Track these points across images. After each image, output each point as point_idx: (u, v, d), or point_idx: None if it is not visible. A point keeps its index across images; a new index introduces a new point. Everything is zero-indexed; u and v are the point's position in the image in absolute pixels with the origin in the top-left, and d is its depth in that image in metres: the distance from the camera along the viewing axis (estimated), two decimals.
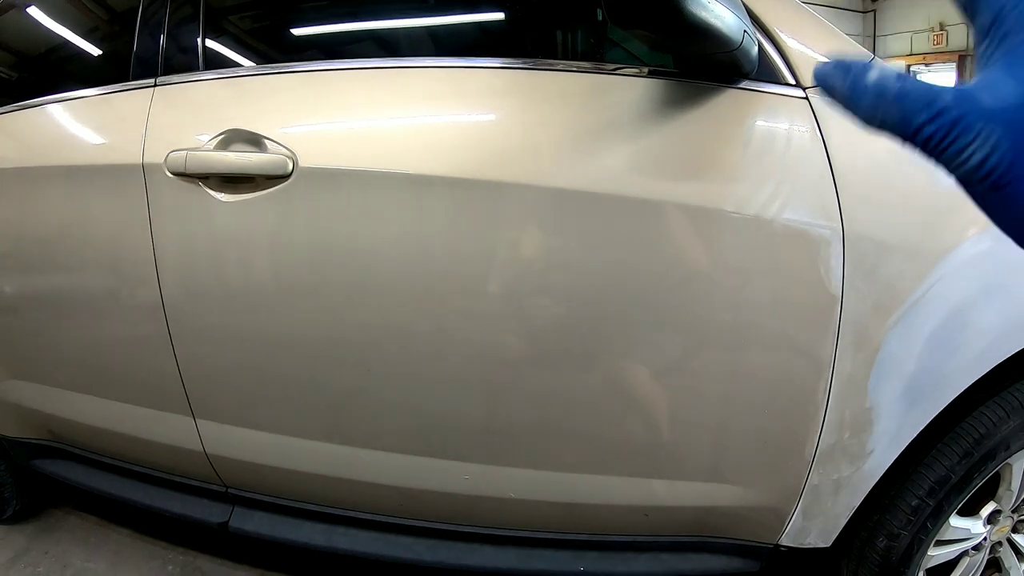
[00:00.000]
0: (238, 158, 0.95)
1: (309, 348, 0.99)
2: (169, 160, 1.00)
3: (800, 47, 0.87)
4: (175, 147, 1.00)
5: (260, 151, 0.95)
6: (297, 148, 0.93)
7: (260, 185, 0.95)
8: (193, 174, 0.98)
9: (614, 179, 0.85)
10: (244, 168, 0.95)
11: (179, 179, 1.00)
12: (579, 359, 0.92)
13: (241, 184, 0.96)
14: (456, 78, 0.93)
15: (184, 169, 0.98)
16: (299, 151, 0.93)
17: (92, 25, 1.38)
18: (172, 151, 1.00)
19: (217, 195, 0.97)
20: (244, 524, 1.16)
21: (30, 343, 1.28)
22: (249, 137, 0.96)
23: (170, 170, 1.00)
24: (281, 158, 0.93)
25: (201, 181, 0.98)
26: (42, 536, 1.57)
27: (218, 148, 0.98)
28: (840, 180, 0.81)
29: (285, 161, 0.92)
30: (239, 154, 0.96)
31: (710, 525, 1.04)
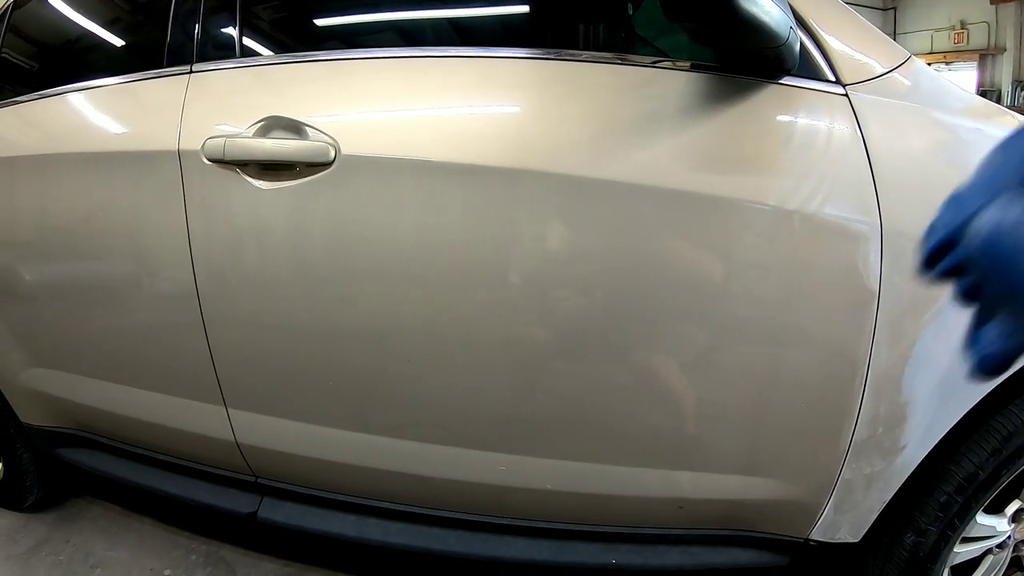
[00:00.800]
0: (279, 145, 0.95)
1: (347, 337, 0.99)
2: (207, 147, 1.00)
3: (840, 44, 0.87)
4: (212, 134, 1.00)
5: (301, 138, 0.95)
6: (339, 135, 0.93)
7: (301, 172, 0.94)
8: (232, 161, 0.98)
9: (656, 171, 0.85)
10: (285, 155, 0.94)
11: (217, 166, 0.99)
12: (614, 351, 0.92)
13: (281, 171, 0.96)
14: (504, 68, 0.93)
15: (222, 156, 0.98)
16: (341, 138, 0.93)
17: (120, 14, 1.38)
18: (210, 138, 1.00)
19: (256, 182, 0.97)
20: (273, 514, 1.16)
21: (57, 331, 1.28)
22: (290, 124, 0.96)
23: (207, 157, 1.00)
24: (323, 145, 0.92)
25: (239, 168, 0.98)
26: (64, 525, 1.57)
27: (257, 135, 0.97)
28: (879, 176, 0.82)
29: (327, 148, 0.92)
30: (280, 141, 0.95)
31: (742, 519, 1.04)
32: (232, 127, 1.00)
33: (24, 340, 1.33)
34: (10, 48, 1.46)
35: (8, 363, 1.37)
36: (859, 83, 0.85)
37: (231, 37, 1.09)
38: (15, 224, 1.30)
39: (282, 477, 1.16)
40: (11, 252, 1.31)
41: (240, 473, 1.19)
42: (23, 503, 1.58)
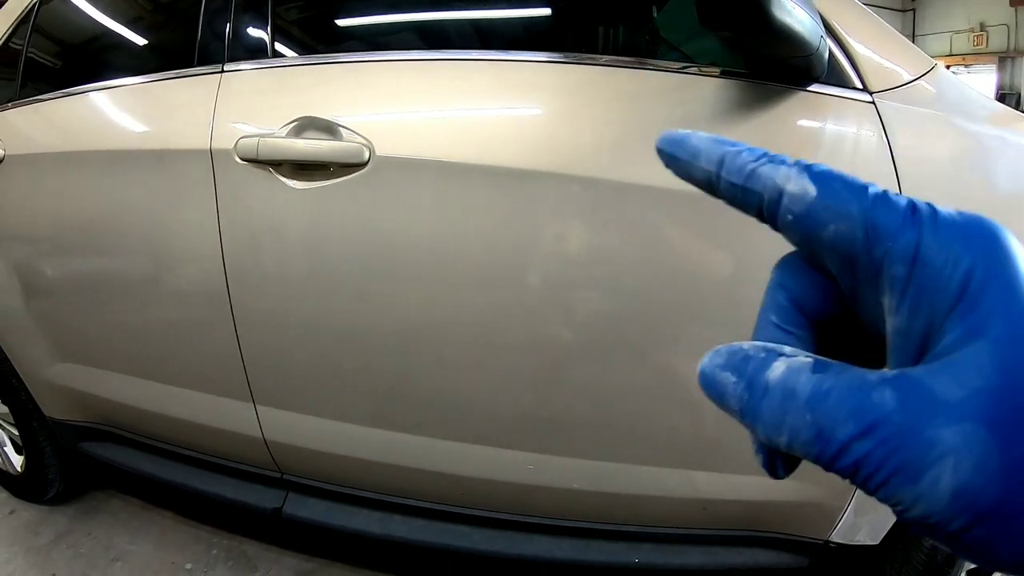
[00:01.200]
0: (314, 145, 0.96)
1: (378, 336, 1.00)
2: (240, 146, 1.00)
3: (868, 52, 0.88)
4: (245, 133, 1.01)
5: (335, 139, 0.96)
6: (372, 136, 0.94)
7: (335, 173, 0.95)
8: (265, 160, 0.99)
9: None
10: (320, 155, 0.95)
11: (250, 165, 1.00)
12: (637, 352, 0.93)
13: (314, 171, 0.97)
14: (537, 72, 0.94)
15: (256, 155, 0.99)
16: (375, 139, 0.93)
17: (148, 14, 1.39)
18: (242, 137, 1.01)
19: (289, 182, 0.98)
20: (298, 510, 1.17)
21: (84, 327, 1.29)
22: (323, 125, 0.97)
23: (240, 156, 1.01)
24: (358, 146, 0.93)
25: (272, 168, 0.99)
26: (84, 518, 1.58)
27: (291, 135, 0.98)
28: (904, 184, 0.82)
29: (362, 149, 0.93)
30: (315, 141, 0.96)
31: (764, 520, 1.05)
32: (265, 127, 1.00)
33: (51, 335, 1.34)
34: (37, 48, 1.47)
35: (34, 358, 1.38)
36: (886, 91, 0.85)
37: (262, 37, 1.09)
38: (43, 221, 1.31)
39: (308, 473, 1.17)
40: (39, 248, 1.32)
41: (266, 469, 1.20)
42: (44, 496, 1.59)
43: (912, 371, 0.16)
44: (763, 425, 0.17)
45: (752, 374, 0.17)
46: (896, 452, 0.15)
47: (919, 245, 0.17)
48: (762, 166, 0.19)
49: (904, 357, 0.17)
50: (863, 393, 0.15)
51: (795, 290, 0.21)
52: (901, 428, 0.15)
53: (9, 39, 1.53)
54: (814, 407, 0.16)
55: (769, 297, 0.21)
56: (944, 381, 0.15)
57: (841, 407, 0.15)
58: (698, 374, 0.19)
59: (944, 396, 0.15)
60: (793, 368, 0.17)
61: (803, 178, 0.18)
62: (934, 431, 0.15)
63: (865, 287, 0.18)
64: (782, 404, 0.16)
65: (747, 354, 0.18)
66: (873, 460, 0.15)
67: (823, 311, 0.20)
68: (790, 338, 0.20)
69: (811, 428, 0.16)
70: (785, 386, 0.17)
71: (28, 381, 1.43)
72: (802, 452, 0.16)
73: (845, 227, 0.17)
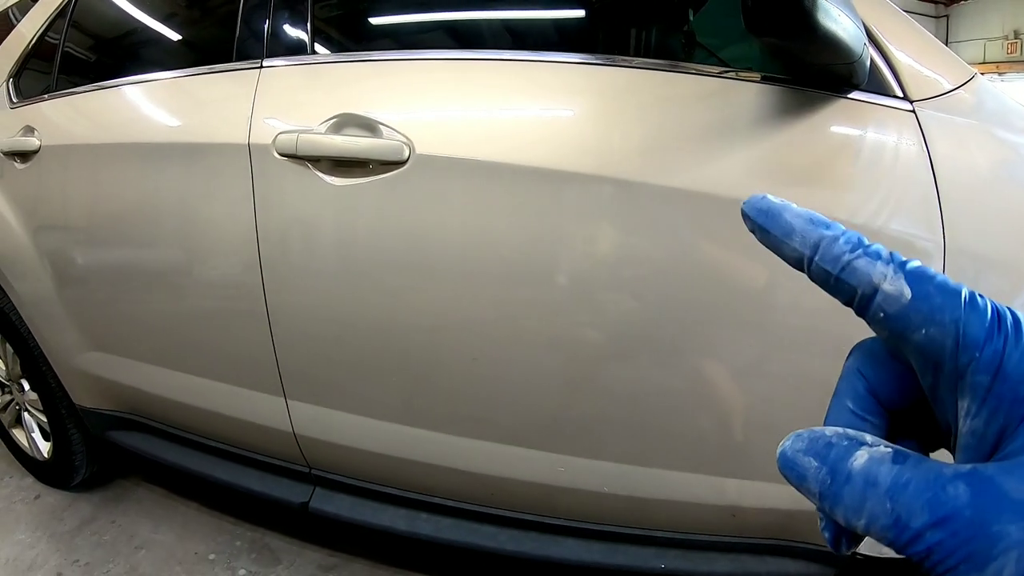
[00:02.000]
0: (354, 142, 0.96)
1: (410, 334, 1.00)
2: (278, 141, 1.01)
3: (909, 60, 0.87)
4: (283, 129, 1.02)
5: (374, 136, 0.96)
6: (412, 134, 0.94)
7: (374, 170, 0.95)
8: (304, 156, 0.99)
9: (722, 180, 0.85)
10: (360, 152, 0.95)
11: (288, 160, 1.01)
12: (667, 355, 0.93)
13: (353, 168, 0.97)
14: (572, 73, 0.94)
15: (295, 151, 0.99)
16: (415, 137, 0.94)
17: (186, 10, 1.40)
18: (281, 132, 1.01)
19: (328, 178, 0.98)
20: (325, 505, 1.17)
21: (116, 317, 1.31)
22: (363, 122, 0.97)
23: (279, 151, 1.01)
24: (398, 144, 0.93)
25: (311, 163, 0.99)
26: (109, 506, 1.60)
27: (330, 131, 0.99)
28: (943, 194, 0.82)
29: (402, 147, 0.93)
30: (354, 138, 0.96)
31: (792, 529, 1.04)
32: (303, 123, 1.01)
33: (82, 324, 1.36)
34: (72, 41, 1.49)
35: (65, 346, 1.40)
36: (926, 100, 0.85)
37: (302, 34, 1.10)
38: (77, 211, 1.33)
39: (336, 469, 1.18)
40: (72, 238, 1.34)
41: (294, 463, 1.21)
42: (70, 482, 1.61)
43: (984, 468, 0.17)
44: (843, 509, 0.18)
45: (835, 461, 0.18)
46: (966, 543, 0.16)
47: (1003, 358, 0.18)
48: (858, 259, 0.19)
49: (975, 455, 0.18)
50: (939, 486, 0.17)
51: (874, 380, 0.22)
52: (972, 521, 0.16)
53: (45, 32, 1.55)
54: (894, 496, 0.17)
55: (847, 383, 0.22)
56: (1014, 480, 0.16)
57: (918, 498, 0.17)
58: (778, 455, 0.20)
59: (1013, 494, 0.16)
60: (875, 458, 0.18)
61: (899, 279, 0.19)
62: (1001, 526, 0.16)
63: (945, 388, 0.19)
64: (863, 492, 0.18)
65: (830, 441, 0.19)
66: (944, 549, 0.16)
67: (899, 402, 0.21)
68: (866, 425, 0.21)
69: (889, 515, 0.17)
70: (867, 475, 0.18)
71: (58, 369, 1.45)
72: (878, 535, 0.17)
73: (936, 333, 0.18)
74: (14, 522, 1.55)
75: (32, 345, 1.48)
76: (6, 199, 1.45)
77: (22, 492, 1.66)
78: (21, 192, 1.42)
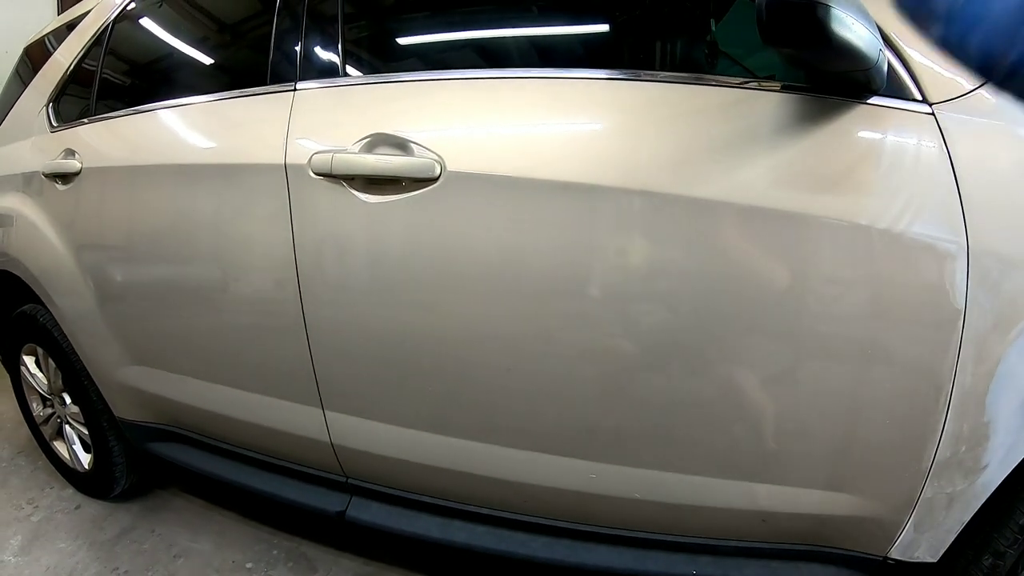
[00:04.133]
0: (387, 161, 0.99)
1: (445, 346, 1.02)
2: (314, 161, 1.05)
3: (926, 63, 0.88)
4: (318, 149, 1.05)
5: (406, 154, 0.99)
6: (443, 152, 0.97)
7: (407, 187, 0.98)
8: (338, 175, 1.03)
9: (748, 190, 0.87)
10: (393, 170, 0.99)
11: (323, 179, 1.04)
12: (698, 364, 0.94)
13: (386, 186, 1.00)
14: (598, 89, 0.96)
15: (330, 170, 1.03)
16: (446, 155, 0.97)
17: (220, 35, 1.45)
18: (316, 152, 1.05)
19: (362, 196, 1.01)
20: (361, 514, 1.20)
21: (158, 331, 1.35)
22: (396, 141, 1.00)
23: (315, 171, 1.05)
24: (429, 161, 0.96)
25: (346, 182, 1.03)
26: (148, 515, 1.64)
27: (363, 151, 1.02)
28: (965, 195, 0.82)
29: (433, 164, 0.96)
30: (387, 157, 1.00)
31: (823, 534, 1.05)
32: (337, 143, 1.05)
33: (123, 339, 1.40)
34: (109, 68, 1.55)
35: (107, 359, 1.45)
36: (945, 102, 0.85)
37: (333, 57, 1.14)
38: (117, 230, 1.38)
39: (372, 478, 1.20)
40: (112, 255, 1.39)
41: (331, 473, 1.24)
42: (110, 493, 1.66)
43: None
44: None
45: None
46: None
47: None
48: None
49: None
50: None
51: None
52: None
53: (83, 59, 1.62)
54: None
55: None
56: None
57: None
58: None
59: None
60: None
61: None
62: None
63: None
64: None
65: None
66: None
67: None
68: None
69: None
70: None
71: (100, 382, 1.50)
72: None
73: None
74: (55, 531, 1.59)
75: (74, 359, 1.53)
76: (49, 219, 1.50)
77: (63, 502, 1.72)
78: (63, 212, 1.47)
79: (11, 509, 1.69)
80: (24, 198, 1.59)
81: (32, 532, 1.59)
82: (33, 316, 1.63)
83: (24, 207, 1.57)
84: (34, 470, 1.87)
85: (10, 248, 1.61)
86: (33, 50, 1.87)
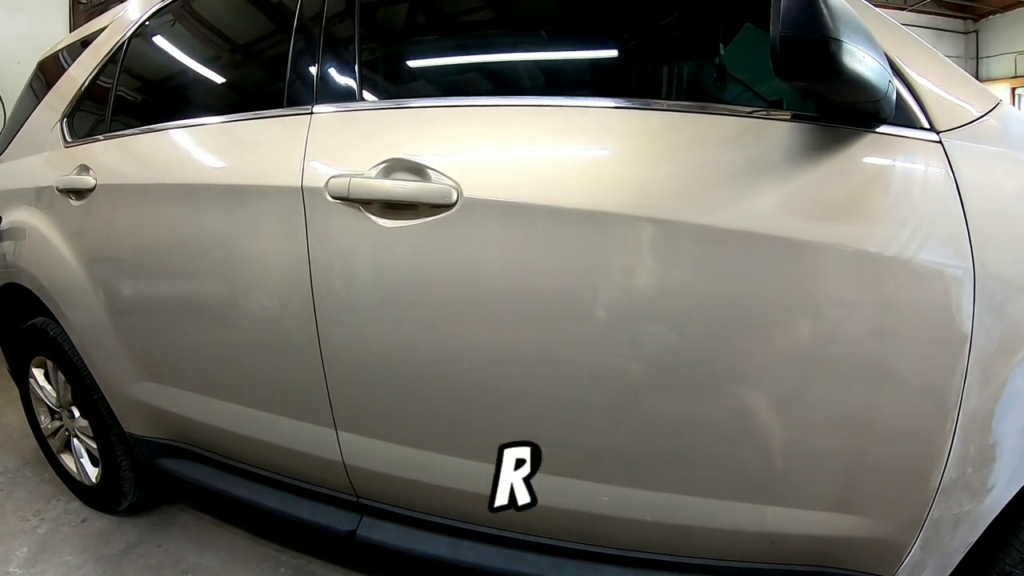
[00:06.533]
0: (404, 186, 1.01)
1: (458, 369, 1.04)
2: (331, 185, 1.06)
3: (934, 90, 0.90)
4: (335, 173, 1.07)
5: (423, 180, 1.01)
6: (461, 178, 0.99)
7: (423, 212, 1.00)
8: (355, 199, 1.04)
9: (767, 219, 0.88)
10: (410, 196, 1.00)
11: (340, 203, 1.06)
12: (706, 387, 0.96)
13: (403, 210, 1.02)
14: (615, 117, 0.98)
15: (347, 194, 1.04)
16: (463, 181, 0.98)
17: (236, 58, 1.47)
18: (333, 176, 1.07)
19: (379, 220, 1.03)
20: (372, 533, 1.21)
21: (171, 349, 1.36)
22: (412, 167, 1.02)
23: (332, 194, 1.06)
24: (446, 188, 0.98)
25: (362, 206, 1.04)
26: (156, 530, 1.64)
27: (380, 175, 1.04)
28: (971, 221, 0.84)
29: (450, 191, 0.98)
30: (405, 182, 1.01)
31: (830, 555, 1.05)
32: (354, 167, 1.06)
33: (134, 355, 1.41)
34: (123, 86, 1.56)
35: (117, 374, 1.46)
36: (952, 130, 0.87)
37: (350, 81, 1.16)
38: (130, 247, 1.39)
39: (383, 498, 1.21)
40: (125, 272, 1.40)
41: (342, 492, 1.25)
42: (117, 507, 1.66)
43: None
44: None
45: None
46: None
47: None
48: None
49: None
50: None
51: None
52: None
53: (97, 76, 1.63)
54: None
55: None
56: None
57: None
58: None
59: None
60: None
61: None
62: None
63: None
64: None
65: None
66: None
67: None
68: None
69: None
70: None
71: (109, 397, 1.51)
72: None
73: None
74: (61, 544, 1.59)
75: (84, 373, 1.54)
76: (61, 234, 1.52)
77: (69, 515, 1.71)
78: (76, 228, 1.49)
79: (17, 521, 1.69)
80: (36, 212, 1.60)
81: (38, 544, 1.59)
82: (43, 329, 1.63)
83: (36, 221, 1.59)
84: (40, 482, 1.87)
85: (21, 261, 1.63)
86: (47, 65, 1.89)
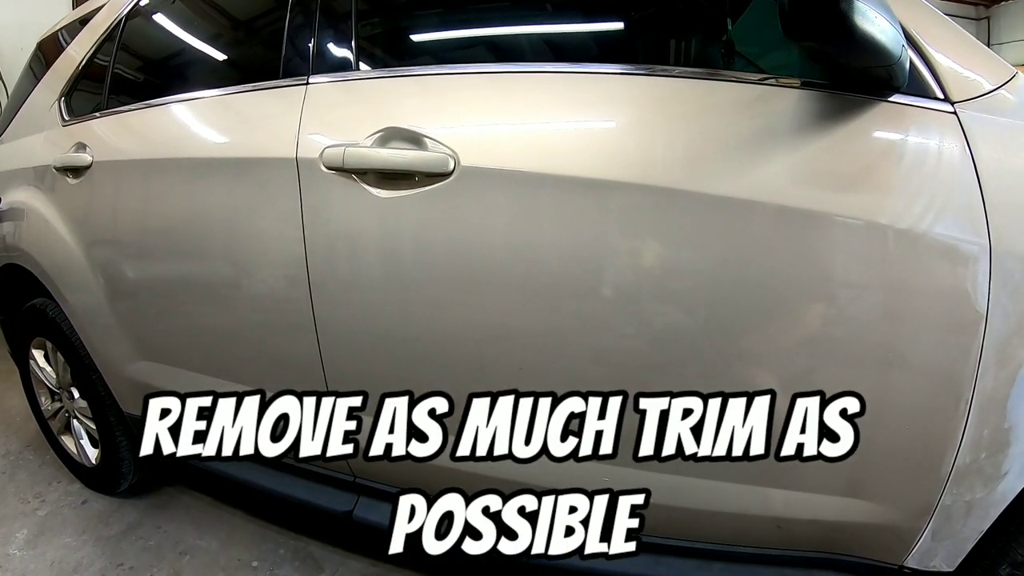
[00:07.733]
0: (400, 155, 0.98)
1: (456, 344, 1.01)
2: (325, 155, 1.04)
3: (949, 61, 0.86)
4: (330, 143, 1.04)
5: (419, 149, 0.98)
6: (458, 147, 0.96)
7: (420, 182, 0.97)
8: (350, 169, 1.02)
9: (766, 187, 0.85)
10: (406, 165, 0.97)
11: (335, 174, 1.03)
12: (711, 365, 0.93)
13: (399, 180, 0.99)
14: (614, 84, 0.95)
15: (342, 164, 1.02)
16: (460, 150, 0.95)
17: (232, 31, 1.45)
18: (328, 146, 1.04)
19: (374, 190, 1.00)
20: (368, 514, 1.19)
21: (166, 328, 1.35)
22: (409, 135, 0.99)
23: (326, 165, 1.04)
24: (443, 156, 0.95)
25: (358, 176, 1.02)
26: (155, 512, 1.64)
27: (376, 145, 1.01)
28: (988, 196, 0.80)
29: (447, 159, 0.95)
30: (400, 151, 0.98)
31: (839, 542, 1.03)
32: (349, 137, 1.03)
33: (132, 334, 1.40)
34: (121, 62, 1.55)
35: (116, 355, 1.44)
36: (967, 100, 0.84)
37: (346, 51, 1.13)
38: (127, 225, 1.37)
39: (381, 478, 1.19)
40: (123, 250, 1.39)
41: (339, 472, 1.23)
42: (117, 488, 1.66)
43: None
44: None
45: None
46: None
47: None
48: None
49: None
50: None
51: None
52: None
53: (95, 54, 1.62)
54: None
55: None
56: None
57: None
58: None
59: None
60: None
61: None
62: None
63: None
64: None
65: None
66: None
67: None
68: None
69: None
70: None
71: (108, 377, 1.50)
72: None
73: None
74: (61, 525, 1.59)
75: (82, 354, 1.53)
76: (59, 213, 1.50)
77: (69, 497, 1.72)
78: (73, 206, 1.47)
79: (18, 503, 1.69)
80: (35, 192, 1.59)
81: (38, 526, 1.59)
82: (43, 310, 1.63)
83: (35, 201, 1.58)
84: (41, 464, 1.87)
85: (20, 242, 1.62)
86: (46, 45, 1.88)
